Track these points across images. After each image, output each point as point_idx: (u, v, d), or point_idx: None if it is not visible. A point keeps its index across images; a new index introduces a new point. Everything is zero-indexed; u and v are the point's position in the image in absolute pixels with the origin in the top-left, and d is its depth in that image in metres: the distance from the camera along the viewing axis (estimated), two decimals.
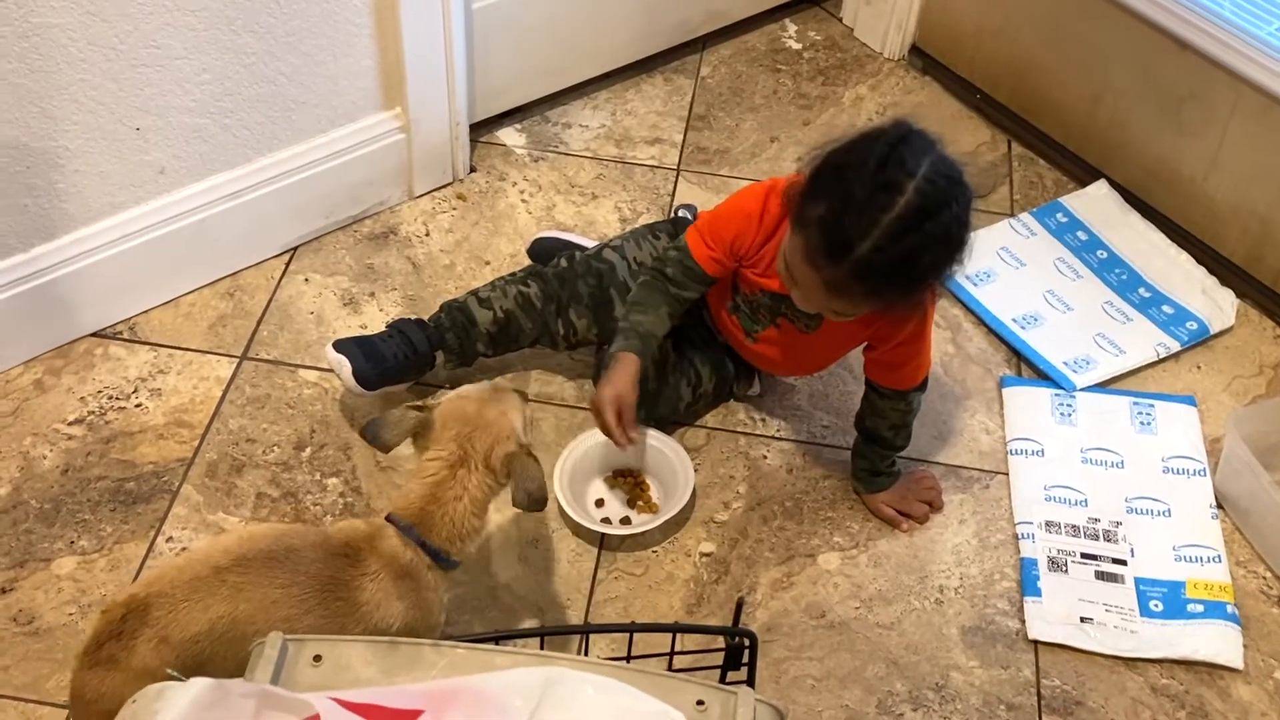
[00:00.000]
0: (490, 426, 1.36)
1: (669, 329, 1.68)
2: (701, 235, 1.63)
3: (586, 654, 1.27)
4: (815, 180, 1.44)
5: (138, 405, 1.81)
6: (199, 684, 0.84)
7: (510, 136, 2.25)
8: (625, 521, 1.71)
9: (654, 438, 1.76)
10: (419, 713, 0.84)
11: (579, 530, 1.70)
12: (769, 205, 1.58)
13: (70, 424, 1.78)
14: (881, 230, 1.37)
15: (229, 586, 1.24)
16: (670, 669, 1.27)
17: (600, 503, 1.75)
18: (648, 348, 1.66)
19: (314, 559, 1.28)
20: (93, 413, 1.80)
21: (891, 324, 1.58)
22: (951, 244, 1.42)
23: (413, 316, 1.82)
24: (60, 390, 1.82)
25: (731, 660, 1.23)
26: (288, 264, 2.01)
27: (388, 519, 1.34)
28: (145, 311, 1.92)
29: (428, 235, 2.07)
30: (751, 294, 1.67)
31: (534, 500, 1.35)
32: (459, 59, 2.00)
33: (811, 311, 1.53)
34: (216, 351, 1.89)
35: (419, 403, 1.39)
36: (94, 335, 1.89)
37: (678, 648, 1.32)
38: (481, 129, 2.23)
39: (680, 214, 1.86)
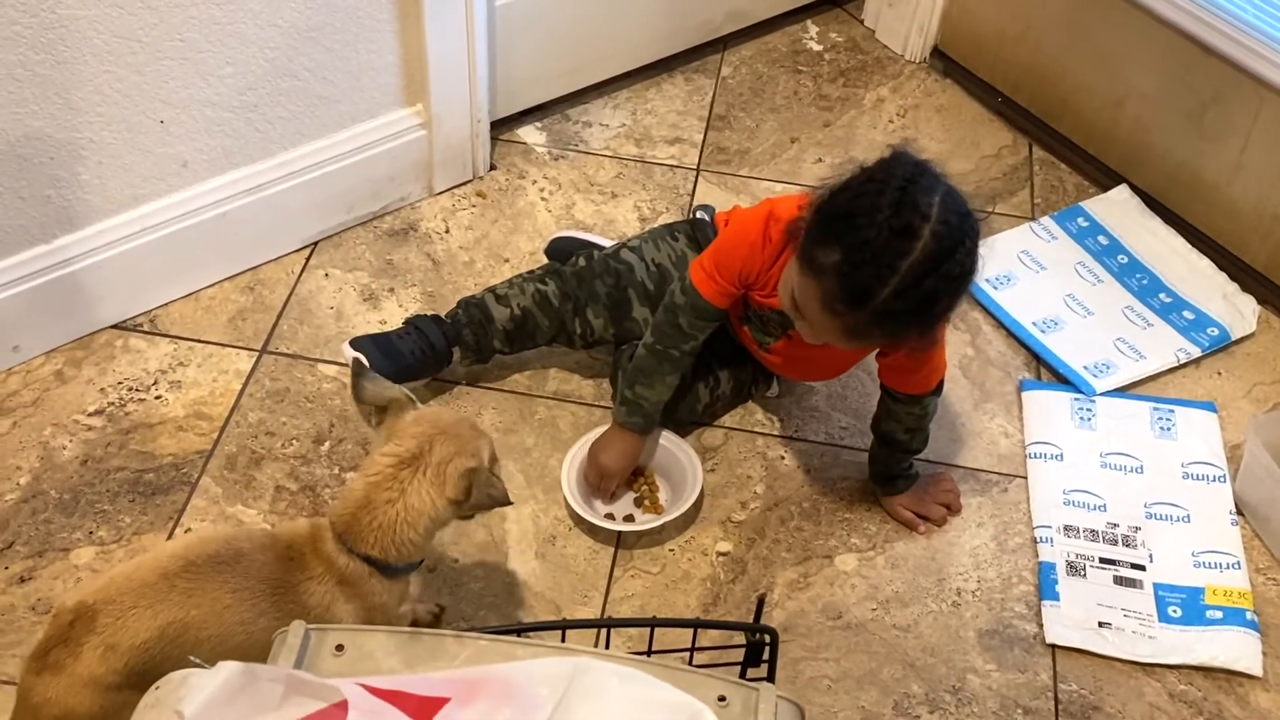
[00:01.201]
0: (458, 438, 1.29)
1: (674, 387, 1.70)
2: (707, 271, 1.62)
3: (607, 648, 1.27)
4: (824, 225, 1.41)
5: (157, 397, 1.82)
6: (227, 668, 0.84)
7: (531, 134, 2.25)
8: (629, 519, 1.71)
9: (667, 439, 1.76)
10: (446, 700, 0.84)
11: (581, 523, 1.70)
12: (770, 232, 1.56)
13: (90, 415, 1.79)
14: (901, 277, 1.35)
15: (179, 592, 1.23)
16: (690, 664, 1.27)
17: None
18: (652, 421, 1.71)
19: (263, 562, 1.26)
20: (112, 404, 1.80)
21: (911, 347, 1.57)
22: (966, 278, 1.41)
23: (430, 313, 1.82)
24: (80, 381, 1.83)
25: (752, 656, 1.22)
26: (308, 259, 2.02)
27: (329, 523, 1.30)
28: (166, 304, 1.93)
29: (447, 232, 2.08)
30: (761, 310, 1.67)
31: (496, 502, 1.28)
32: (481, 56, 2.01)
33: (819, 344, 1.52)
34: (236, 345, 1.89)
35: (411, 394, 1.34)
36: (114, 327, 1.89)
37: (698, 645, 1.31)
38: (502, 126, 2.23)
39: (698, 215, 1.86)
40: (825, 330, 1.46)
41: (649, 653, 1.25)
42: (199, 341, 1.89)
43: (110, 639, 1.20)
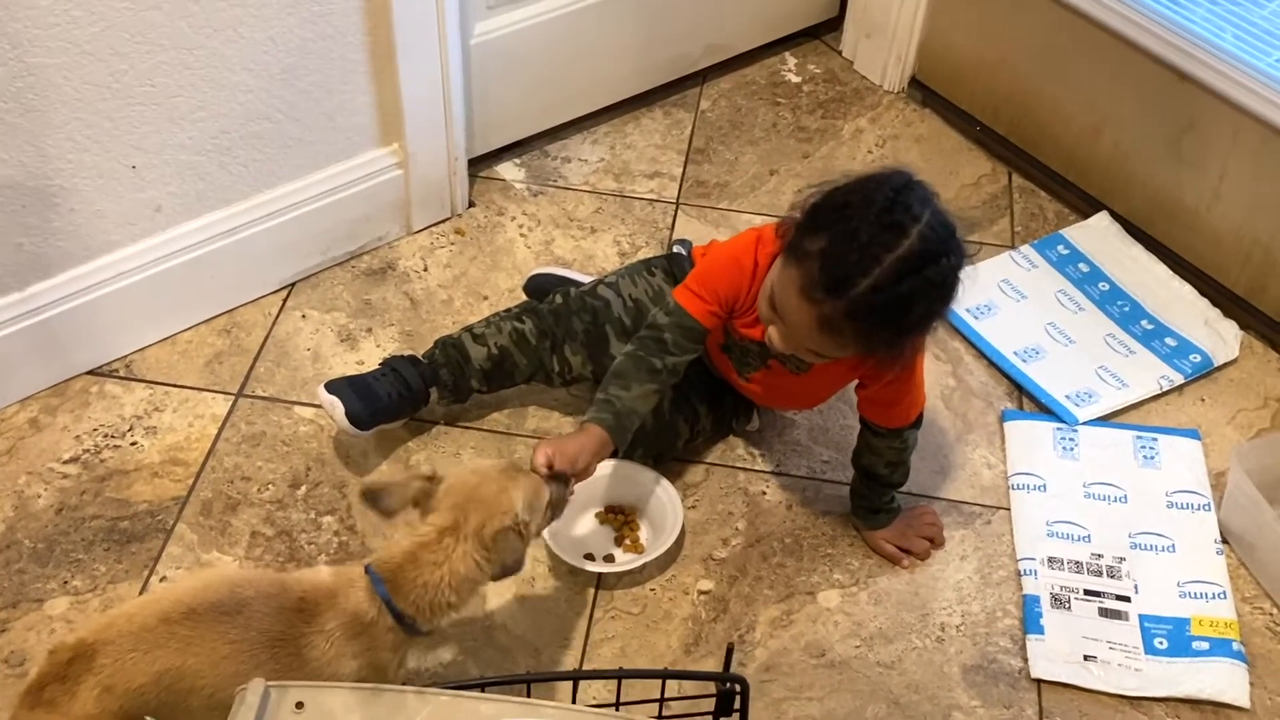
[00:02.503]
0: (487, 502, 1.33)
1: (652, 405, 1.62)
2: (693, 291, 1.61)
3: (576, 701, 1.25)
4: (816, 214, 1.43)
5: (133, 443, 1.81)
6: None
7: (509, 171, 2.25)
8: (609, 559, 1.70)
9: (649, 478, 1.74)
10: None
11: (561, 564, 1.68)
12: (759, 257, 1.56)
13: (65, 462, 1.78)
14: (883, 269, 1.37)
15: (178, 639, 1.22)
16: (661, 715, 1.25)
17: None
18: (622, 424, 1.57)
19: (266, 613, 1.26)
20: (88, 451, 1.79)
21: (879, 364, 1.56)
22: (944, 294, 1.42)
23: (407, 353, 1.81)
24: (55, 429, 1.81)
25: (723, 707, 1.21)
26: (285, 300, 2.01)
27: (366, 568, 1.32)
28: (141, 349, 1.92)
29: (426, 270, 2.07)
30: (741, 340, 1.66)
31: (508, 571, 1.33)
32: (456, 94, 2.01)
33: (789, 352, 1.51)
34: (212, 389, 1.88)
35: (428, 473, 1.37)
36: (90, 373, 1.88)
37: (672, 695, 1.29)
38: (480, 164, 2.23)
39: (675, 249, 1.85)
40: (798, 324, 1.44)
41: (618, 704, 1.24)
42: (175, 386, 1.88)
43: (107, 680, 1.20)
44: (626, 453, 1.75)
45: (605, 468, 1.74)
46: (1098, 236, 2.15)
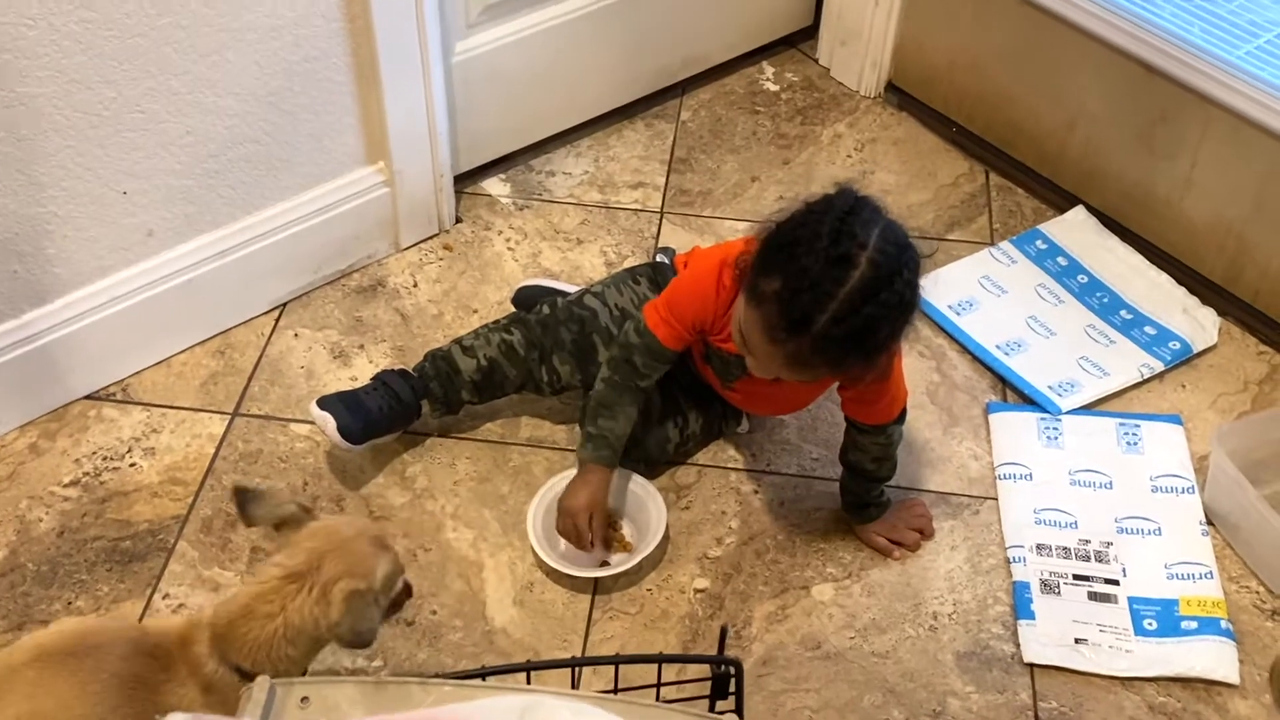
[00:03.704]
0: (350, 556, 1.27)
1: (636, 416, 1.72)
2: (662, 315, 1.64)
3: (577, 688, 1.28)
4: (766, 255, 1.45)
5: (132, 465, 1.83)
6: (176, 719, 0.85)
7: (495, 186, 2.28)
8: (604, 565, 1.72)
9: (624, 476, 1.77)
10: None
11: (554, 574, 1.71)
12: (723, 279, 1.59)
13: (65, 486, 1.80)
14: (838, 303, 1.38)
15: (27, 683, 1.19)
16: (658, 700, 1.28)
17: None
18: (617, 455, 1.71)
19: (120, 656, 1.22)
20: (87, 474, 1.82)
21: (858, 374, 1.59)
22: (905, 309, 1.44)
23: (397, 368, 1.84)
24: (55, 453, 1.84)
25: (718, 689, 1.23)
26: (277, 320, 2.04)
27: (208, 624, 1.27)
28: (137, 372, 1.94)
29: (415, 286, 2.10)
30: (720, 352, 1.69)
31: (359, 641, 1.25)
32: (440, 112, 2.04)
33: (769, 378, 1.54)
34: (209, 409, 1.91)
35: (306, 504, 1.32)
36: (87, 398, 1.91)
37: (669, 680, 1.32)
38: (466, 180, 2.26)
39: (659, 258, 1.88)
40: (769, 361, 1.48)
41: (615, 690, 1.26)
42: (171, 408, 1.91)
43: None
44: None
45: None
46: (1075, 230, 2.18)
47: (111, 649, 1.23)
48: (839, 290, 1.37)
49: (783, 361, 1.45)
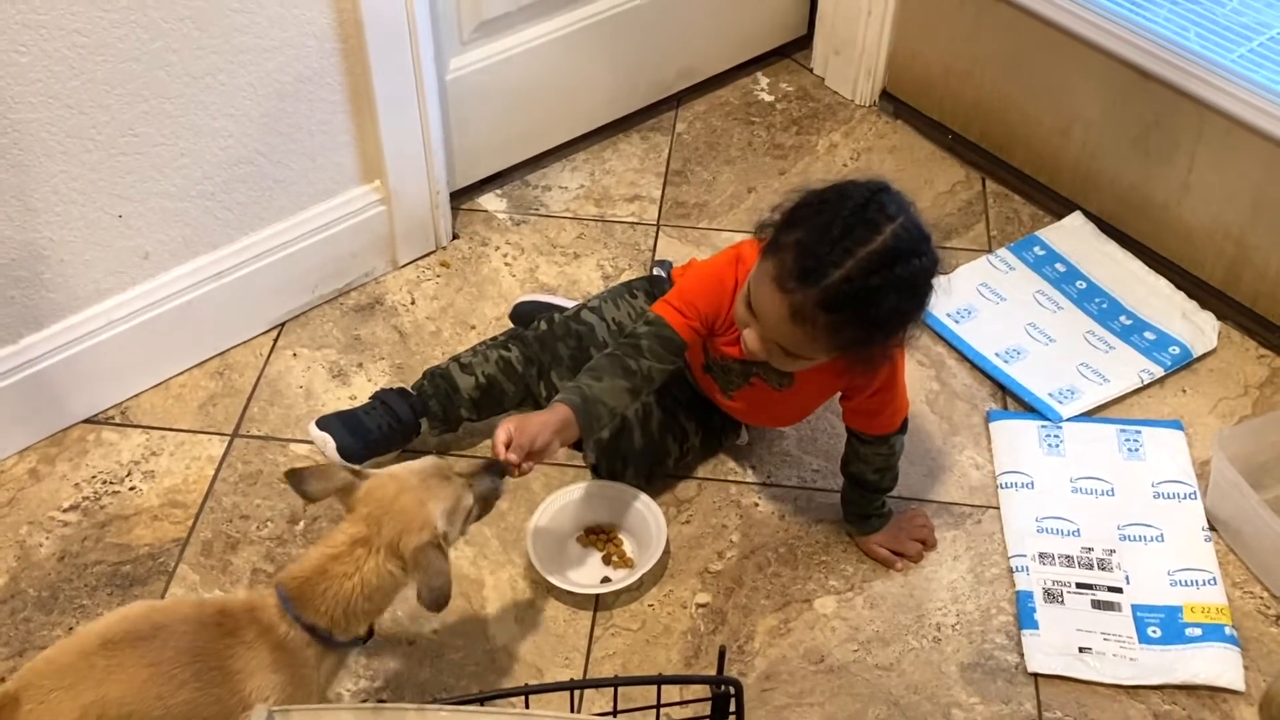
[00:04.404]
0: (402, 514, 1.31)
1: (625, 405, 1.62)
2: (673, 305, 1.63)
3: (575, 710, 1.27)
4: (794, 212, 1.48)
5: (131, 488, 1.83)
6: None
7: (491, 202, 2.28)
8: (606, 581, 1.72)
9: (621, 492, 1.77)
10: None
11: (554, 590, 1.70)
12: (739, 275, 1.59)
13: (65, 510, 1.80)
14: (855, 261, 1.40)
15: (98, 671, 1.22)
16: None
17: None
18: (588, 409, 1.56)
19: (183, 632, 1.26)
20: (87, 498, 1.81)
21: (862, 375, 1.59)
22: (915, 293, 1.46)
23: (396, 386, 1.83)
24: (55, 478, 1.84)
25: (718, 710, 1.23)
26: (275, 340, 2.04)
27: (277, 586, 1.32)
28: (136, 395, 1.94)
29: (413, 304, 2.10)
30: (721, 359, 1.68)
31: (435, 595, 1.28)
32: (435, 129, 2.04)
33: (763, 355, 1.53)
34: (208, 431, 1.91)
35: (355, 466, 1.35)
36: (86, 422, 1.91)
37: (670, 701, 1.31)
38: (462, 196, 2.26)
39: (656, 271, 1.88)
40: (770, 315, 1.46)
41: (615, 712, 1.26)
42: (170, 430, 1.91)
43: None
44: (617, 473, 1.78)
45: (576, 491, 1.77)
46: (1072, 236, 2.18)
47: (175, 626, 1.27)
48: (858, 249, 1.40)
49: (786, 314, 1.44)
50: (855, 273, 1.40)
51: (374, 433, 1.75)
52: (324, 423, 1.75)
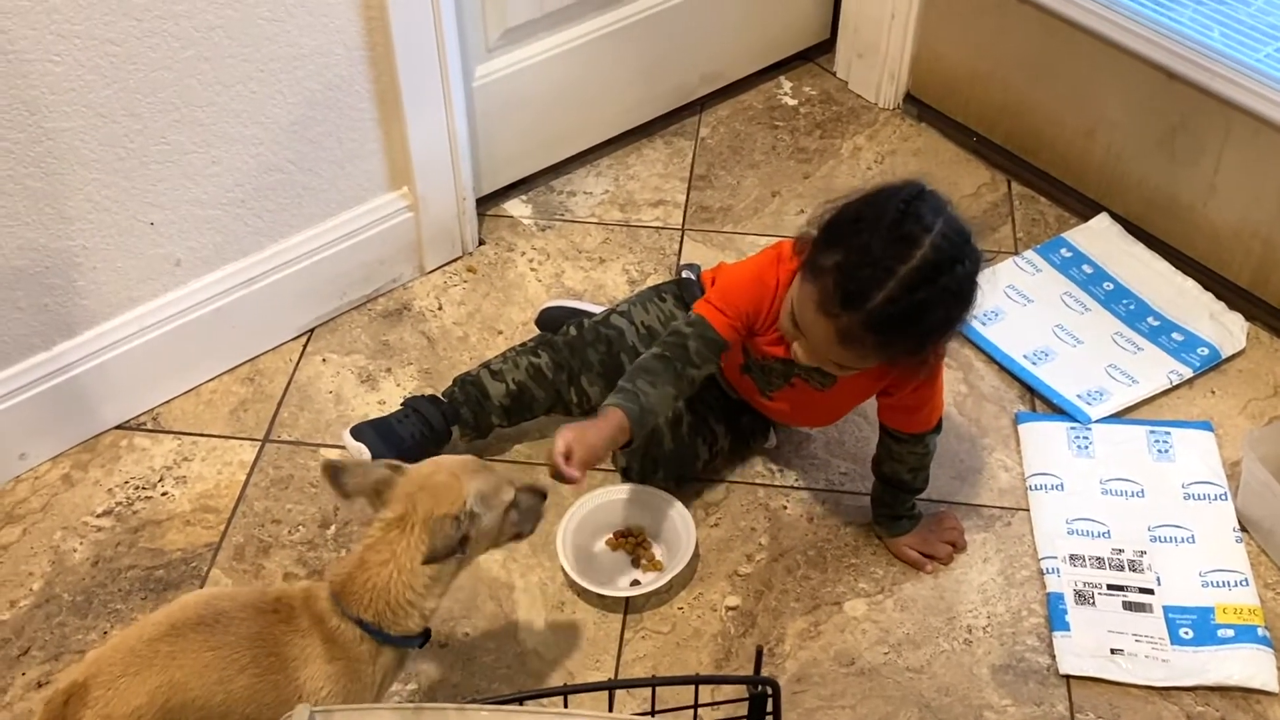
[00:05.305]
0: (437, 489, 1.31)
1: (668, 411, 1.65)
2: (715, 306, 1.63)
3: (611, 709, 1.28)
4: (831, 230, 1.46)
5: (164, 494, 1.84)
6: None
7: (517, 208, 2.30)
8: (635, 584, 1.72)
9: (652, 494, 1.77)
10: None
11: (585, 594, 1.71)
12: (780, 275, 1.59)
13: (99, 516, 1.81)
14: (897, 281, 1.39)
15: (162, 656, 1.25)
16: None
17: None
18: (643, 419, 1.58)
19: (244, 618, 1.28)
20: (120, 504, 1.83)
21: (904, 374, 1.59)
22: (961, 299, 1.44)
23: (427, 393, 1.84)
24: (88, 483, 1.85)
25: (755, 710, 1.23)
26: (305, 346, 2.05)
27: (329, 579, 1.33)
28: (167, 401, 1.96)
29: (440, 309, 2.11)
30: (762, 359, 1.68)
31: (433, 556, 1.28)
32: (462, 136, 2.05)
33: (814, 365, 1.54)
34: (239, 436, 1.92)
35: (393, 462, 1.35)
36: (118, 428, 1.92)
37: (705, 701, 1.32)
38: (488, 202, 2.27)
39: (684, 274, 1.89)
40: (819, 338, 1.47)
41: (653, 713, 1.26)
42: (202, 435, 1.92)
43: (104, 710, 1.22)
44: (648, 477, 1.79)
45: (605, 495, 1.77)
46: (1099, 238, 2.18)
47: (235, 613, 1.29)
48: (899, 268, 1.38)
49: (834, 338, 1.44)
50: (899, 292, 1.39)
51: (407, 441, 1.76)
52: (358, 432, 1.76)
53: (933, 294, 1.40)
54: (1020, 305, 2.09)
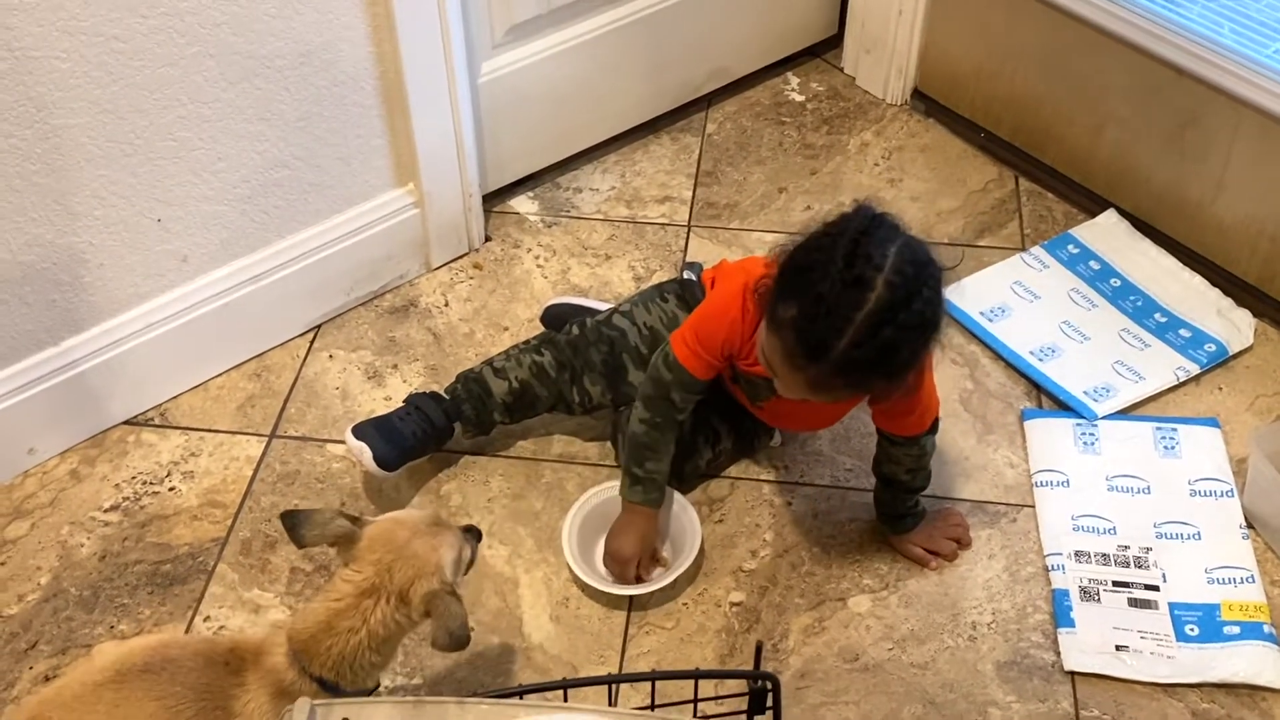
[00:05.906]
0: (415, 559, 1.30)
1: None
2: (690, 347, 1.63)
3: (614, 705, 1.28)
4: (784, 281, 1.43)
5: (171, 489, 1.85)
6: None
7: (523, 204, 2.30)
8: (639, 580, 1.72)
9: None
10: None
11: (589, 590, 1.71)
12: (747, 305, 1.57)
13: (106, 511, 1.82)
14: (855, 328, 1.36)
15: (105, 703, 1.23)
16: (695, 716, 1.28)
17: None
18: (664, 493, 1.73)
19: (192, 668, 1.27)
20: (127, 499, 1.84)
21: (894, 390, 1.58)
22: (927, 327, 1.41)
23: (429, 390, 1.85)
24: (95, 479, 1.86)
25: (755, 704, 1.23)
26: (312, 342, 2.06)
27: (289, 634, 1.31)
28: (175, 397, 1.97)
29: (447, 305, 2.11)
30: (748, 375, 1.69)
31: (455, 640, 1.27)
32: (468, 133, 2.05)
33: (796, 399, 1.52)
34: (246, 431, 1.93)
35: (353, 514, 1.34)
36: (126, 423, 1.93)
37: (706, 696, 1.32)
38: (494, 199, 2.28)
39: (686, 275, 1.88)
40: (791, 385, 1.47)
41: (652, 707, 1.26)
42: (209, 431, 1.93)
43: None
44: None
45: (610, 491, 1.77)
46: (1106, 234, 2.17)
47: (184, 661, 1.28)
48: (856, 315, 1.35)
49: (805, 386, 1.44)
50: (861, 337, 1.36)
51: (409, 439, 1.76)
52: (359, 431, 1.76)
53: (895, 333, 1.37)
54: (1027, 302, 2.08)
